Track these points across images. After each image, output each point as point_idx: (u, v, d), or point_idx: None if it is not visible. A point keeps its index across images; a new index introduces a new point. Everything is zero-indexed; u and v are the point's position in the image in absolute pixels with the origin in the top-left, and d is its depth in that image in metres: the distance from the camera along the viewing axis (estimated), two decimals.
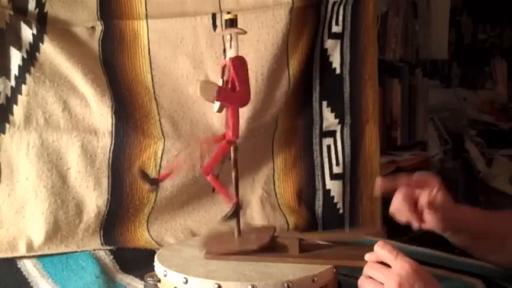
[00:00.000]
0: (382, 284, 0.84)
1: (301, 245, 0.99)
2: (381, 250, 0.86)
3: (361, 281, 0.88)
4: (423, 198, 1.00)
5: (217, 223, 1.17)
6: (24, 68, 1.18)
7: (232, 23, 0.98)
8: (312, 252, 0.98)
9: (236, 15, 0.98)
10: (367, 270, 0.87)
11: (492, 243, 1.05)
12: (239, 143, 1.02)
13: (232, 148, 1.01)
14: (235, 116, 0.98)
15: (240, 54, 1.00)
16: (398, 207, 1.03)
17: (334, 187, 1.43)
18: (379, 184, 1.06)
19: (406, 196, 1.02)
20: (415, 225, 1.03)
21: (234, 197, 0.99)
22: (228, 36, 0.98)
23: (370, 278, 0.86)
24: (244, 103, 0.99)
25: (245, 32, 0.98)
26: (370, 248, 0.90)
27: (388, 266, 0.85)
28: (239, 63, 0.97)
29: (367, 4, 1.41)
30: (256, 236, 1.00)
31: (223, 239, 1.01)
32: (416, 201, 1.03)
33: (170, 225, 1.30)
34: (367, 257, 0.89)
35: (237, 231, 1.00)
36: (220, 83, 0.98)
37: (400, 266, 0.83)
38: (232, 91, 0.97)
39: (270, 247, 0.97)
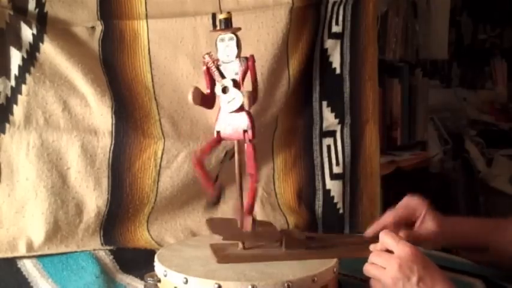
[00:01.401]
0: (385, 268, 0.88)
1: (307, 242, 1.00)
2: (385, 237, 0.91)
3: (366, 267, 0.92)
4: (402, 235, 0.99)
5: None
6: (24, 68, 1.18)
7: (229, 22, 0.98)
8: (318, 247, 0.99)
9: (230, 13, 0.99)
10: (371, 257, 0.92)
11: (495, 251, 1.05)
12: (239, 143, 1.02)
13: (236, 149, 1.01)
14: (252, 117, 0.98)
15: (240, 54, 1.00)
16: None
17: (334, 187, 1.43)
18: (369, 232, 1.08)
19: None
20: None
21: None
22: (228, 36, 0.98)
23: (374, 264, 0.91)
24: (256, 101, 1.00)
25: (240, 29, 0.99)
26: (373, 240, 0.95)
27: (391, 254, 0.89)
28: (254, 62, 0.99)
29: (367, 4, 1.41)
30: (264, 230, 1.01)
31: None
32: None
33: (170, 225, 1.30)
34: (372, 247, 0.94)
35: (240, 222, 1.00)
36: (222, 85, 0.97)
37: (401, 249, 0.88)
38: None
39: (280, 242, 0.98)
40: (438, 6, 2.93)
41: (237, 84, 0.97)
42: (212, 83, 0.99)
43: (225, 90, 0.97)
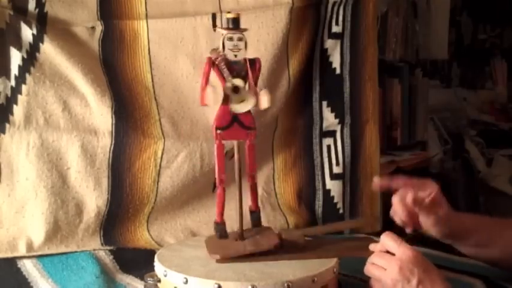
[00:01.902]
0: (385, 269, 0.89)
1: (306, 241, 0.99)
2: (386, 239, 0.91)
3: (367, 267, 0.92)
4: (409, 196, 1.01)
5: None
6: (24, 68, 1.18)
7: (238, 22, 0.98)
8: (317, 247, 0.99)
9: (239, 14, 0.99)
10: (372, 258, 0.92)
11: (498, 250, 1.05)
12: (239, 143, 1.02)
13: (236, 149, 1.01)
14: (253, 116, 0.99)
15: None
16: (396, 210, 1.04)
17: (334, 187, 1.43)
18: (376, 183, 1.09)
19: (402, 199, 1.03)
20: (408, 229, 1.04)
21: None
22: (237, 35, 0.97)
23: (375, 264, 0.91)
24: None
25: (247, 29, 0.99)
26: (372, 241, 0.96)
27: (392, 255, 0.90)
28: None
29: (367, 4, 1.41)
30: (261, 237, 1.00)
31: (228, 244, 1.00)
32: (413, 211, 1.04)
33: (170, 225, 1.30)
34: (372, 247, 0.95)
35: (240, 234, 1.00)
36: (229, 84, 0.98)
37: (402, 251, 0.88)
38: None
39: (281, 246, 0.98)
40: (438, 6, 2.92)
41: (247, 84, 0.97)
42: (207, 80, 0.99)
43: (236, 89, 0.96)
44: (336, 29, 1.41)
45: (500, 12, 3.64)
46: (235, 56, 0.97)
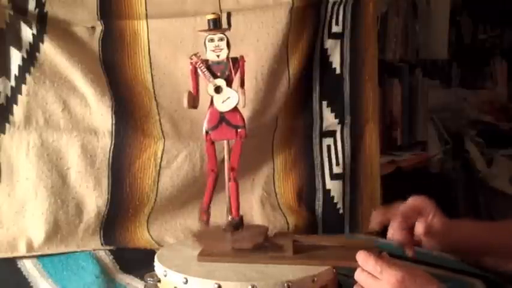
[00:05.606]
0: None
1: (296, 246, 0.98)
2: (366, 265, 0.86)
3: None
4: (419, 228, 0.99)
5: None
6: (24, 68, 1.18)
7: (218, 22, 0.98)
8: (307, 252, 0.97)
9: (219, 15, 0.99)
10: (358, 278, 0.87)
11: (500, 254, 1.04)
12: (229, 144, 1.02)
13: (226, 149, 1.01)
14: (242, 115, 0.99)
15: (239, 54, 1.00)
16: (394, 236, 1.02)
17: (334, 187, 1.43)
18: (374, 218, 1.05)
19: (401, 226, 1.01)
20: (409, 253, 1.02)
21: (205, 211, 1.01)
22: (218, 36, 0.98)
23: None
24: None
25: (228, 29, 0.99)
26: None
27: (377, 279, 0.85)
28: None
29: (367, 4, 1.41)
30: (249, 235, 1.00)
31: (216, 237, 1.00)
32: (411, 227, 1.02)
33: (170, 225, 1.30)
34: (358, 257, 0.88)
35: (226, 229, 1.00)
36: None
37: (387, 280, 0.83)
38: None
39: (264, 247, 0.97)
40: (438, 6, 2.92)
41: (229, 84, 0.98)
42: (197, 83, 1.00)
43: (218, 90, 0.97)
44: (336, 29, 1.41)
45: (500, 12, 3.64)
46: (218, 56, 0.98)
